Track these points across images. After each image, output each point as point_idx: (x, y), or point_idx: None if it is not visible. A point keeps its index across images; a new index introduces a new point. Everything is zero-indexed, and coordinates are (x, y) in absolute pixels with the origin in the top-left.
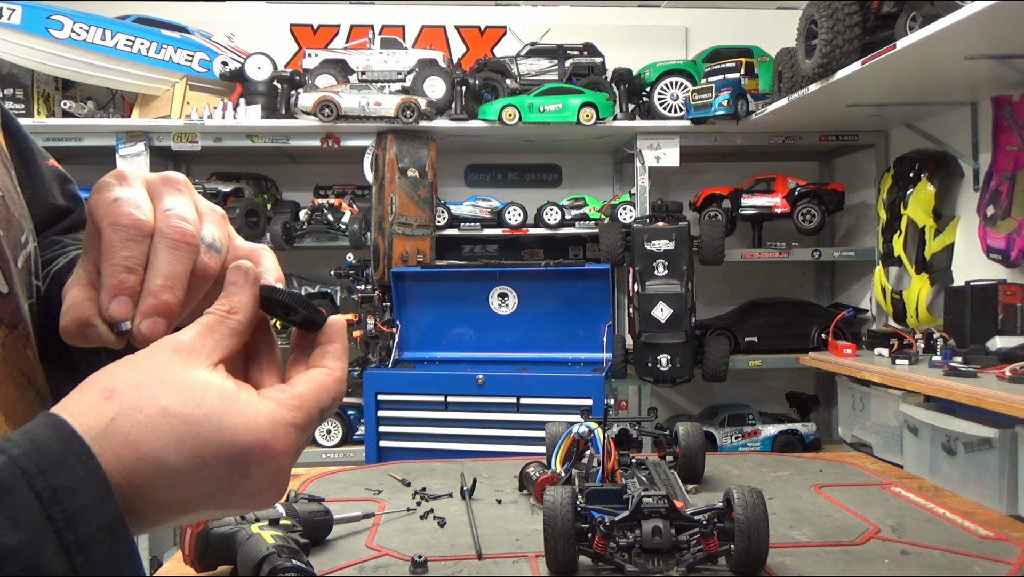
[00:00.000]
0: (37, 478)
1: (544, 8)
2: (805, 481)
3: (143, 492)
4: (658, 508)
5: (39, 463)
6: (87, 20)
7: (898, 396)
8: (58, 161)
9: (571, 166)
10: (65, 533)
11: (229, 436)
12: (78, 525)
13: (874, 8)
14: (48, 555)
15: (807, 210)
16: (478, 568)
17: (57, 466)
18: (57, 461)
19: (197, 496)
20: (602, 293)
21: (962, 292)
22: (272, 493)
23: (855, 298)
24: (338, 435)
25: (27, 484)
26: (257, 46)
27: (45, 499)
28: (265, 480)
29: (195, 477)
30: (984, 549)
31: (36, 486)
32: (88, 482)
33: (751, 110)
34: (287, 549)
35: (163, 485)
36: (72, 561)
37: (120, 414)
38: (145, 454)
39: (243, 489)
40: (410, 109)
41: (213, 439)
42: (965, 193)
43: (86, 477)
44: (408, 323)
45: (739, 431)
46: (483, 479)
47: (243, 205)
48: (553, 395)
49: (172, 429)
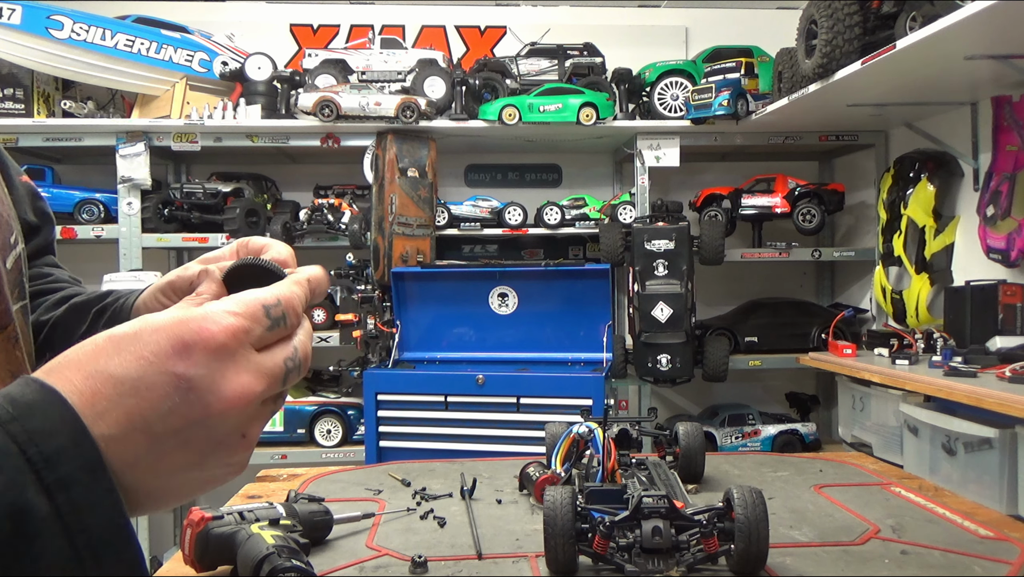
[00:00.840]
0: (12, 424)
1: (544, 8)
2: (805, 481)
3: (101, 411)
4: (658, 508)
5: (11, 411)
6: (87, 20)
7: (898, 396)
8: (57, 161)
9: (571, 166)
10: (45, 473)
11: (164, 331)
12: (57, 465)
13: (874, 8)
14: (30, 495)
15: (807, 210)
16: (478, 568)
17: (29, 412)
18: (28, 408)
19: (155, 403)
20: (602, 293)
21: (962, 292)
22: (236, 385)
23: (855, 298)
24: (338, 435)
25: (2, 429)
26: (257, 46)
27: (22, 442)
28: (218, 369)
29: (144, 380)
30: (984, 549)
31: (12, 431)
32: (63, 424)
33: (751, 110)
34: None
35: (116, 396)
36: (54, 500)
37: (71, 352)
38: (92, 371)
39: (200, 384)
40: (410, 109)
41: (151, 338)
42: (965, 193)
43: (59, 419)
44: (408, 323)
45: (739, 431)
46: (483, 479)
47: (243, 205)
48: (553, 395)
49: (114, 344)
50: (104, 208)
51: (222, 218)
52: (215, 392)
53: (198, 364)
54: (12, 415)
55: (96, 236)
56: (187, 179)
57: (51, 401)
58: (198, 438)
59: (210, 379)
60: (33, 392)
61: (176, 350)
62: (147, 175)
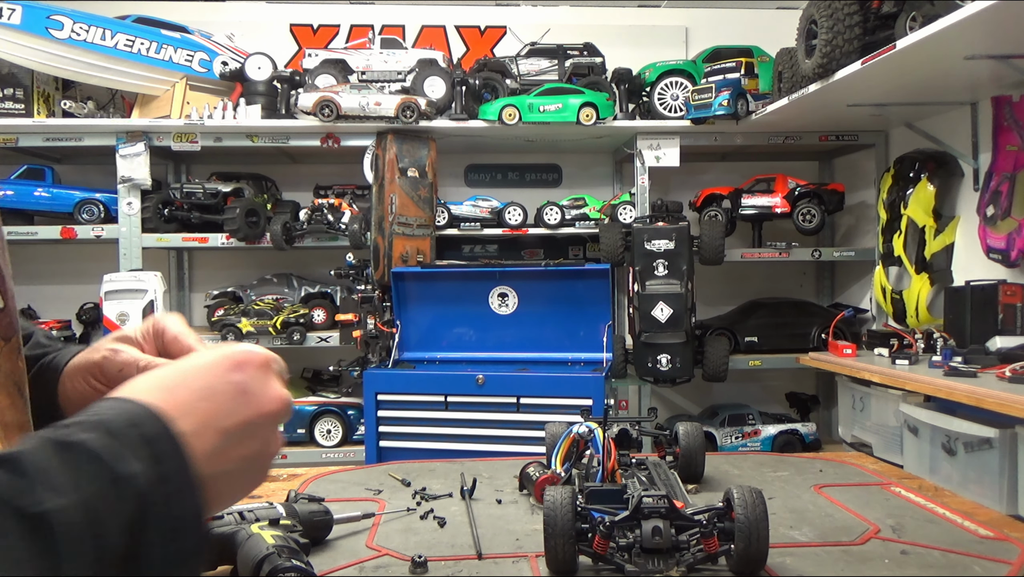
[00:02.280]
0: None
1: (544, 8)
2: (805, 481)
3: (181, 413)
4: (658, 508)
5: (114, 405)
6: (87, 20)
7: (898, 396)
8: (57, 161)
9: (571, 166)
10: (142, 449)
11: (221, 354)
12: (153, 443)
13: (874, 8)
14: (131, 463)
15: (807, 210)
16: (478, 568)
17: (127, 408)
18: (124, 406)
19: (222, 405)
20: (602, 293)
21: (962, 292)
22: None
23: (855, 298)
24: (338, 435)
25: (134, 429)
26: (257, 46)
27: (123, 424)
28: (263, 379)
29: (212, 388)
30: (984, 549)
31: (114, 420)
32: (154, 421)
33: (751, 110)
34: (287, 549)
35: (193, 401)
36: (149, 466)
37: (145, 377)
38: (171, 385)
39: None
40: (410, 109)
41: (212, 359)
42: (965, 193)
43: (150, 417)
44: (408, 323)
45: (739, 431)
46: (483, 479)
47: (243, 205)
48: (553, 395)
49: (181, 368)
50: (104, 208)
51: (222, 218)
52: (263, 395)
53: (250, 376)
54: (115, 408)
55: (96, 236)
56: (187, 179)
57: (141, 405)
58: (251, 436)
59: (259, 386)
60: (123, 402)
61: (233, 366)
62: (147, 175)
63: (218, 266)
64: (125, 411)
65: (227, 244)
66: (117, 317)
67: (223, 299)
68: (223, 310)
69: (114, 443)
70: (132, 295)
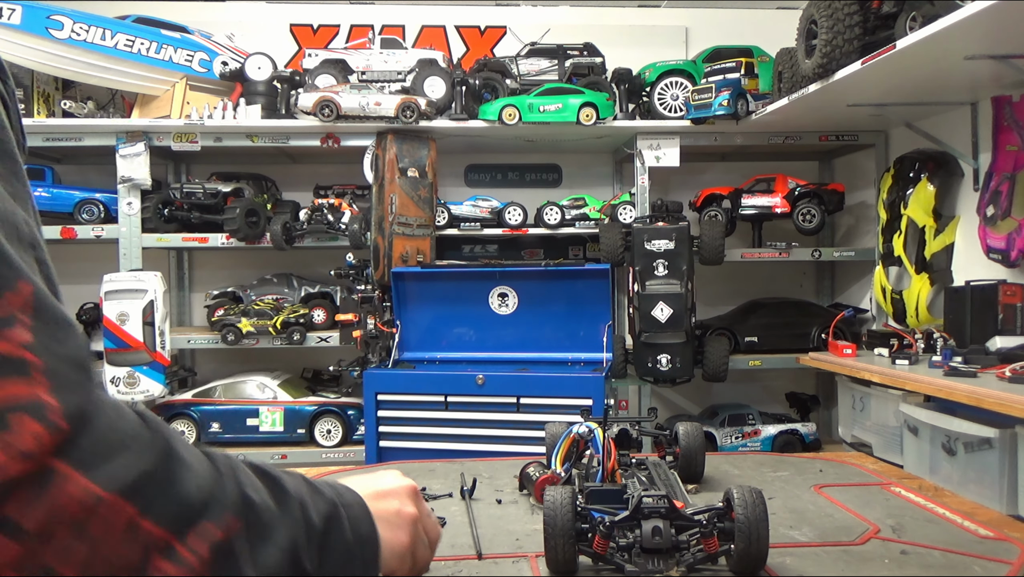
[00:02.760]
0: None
1: (544, 8)
2: (805, 481)
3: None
4: (658, 508)
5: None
6: (87, 20)
7: (898, 396)
8: (57, 161)
9: (571, 166)
10: (350, 520)
11: (401, 481)
12: (354, 517)
13: (874, 8)
14: (345, 526)
15: (807, 210)
16: (478, 568)
17: (346, 496)
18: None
19: (393, 509)
20: (602, 293)
21: (962, 292)
22: (417, 507)
23: (855, 298)
24: (338, 435)
25: (338, 499)
26: (257, 46)
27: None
28: (413, 497)
29: (386, 499)
30: (984, 549)
31: (337, 498)
32: (359, 504)
33: (751, 110)
34: None
35: (377, 502)
36: (348, 529)
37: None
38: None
39: (409, 499)
40: (410, 109)
41: (394, 483)
42: (965, 193)
43: (358, 502)
44: (408, 323)
45: (739, 431)
46: (483, 479)
47: (243, 205)
48: (553, 395)
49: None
50: (104, 208)
51: (222, 218)
52: (412, 506)
53: (412, 497)
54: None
55: (96, 236)
56: (187, 179)
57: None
58: (407, 530)
59: (411, 498)
60: (348, 490)
61: (407, 494)
62: (147, 175)
63: (218, 266)
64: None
65: (227, 244)
66: (117, 317)
67: (223, 299)
68: (223, 310)
69: (335, 492)
70: (132, 295)
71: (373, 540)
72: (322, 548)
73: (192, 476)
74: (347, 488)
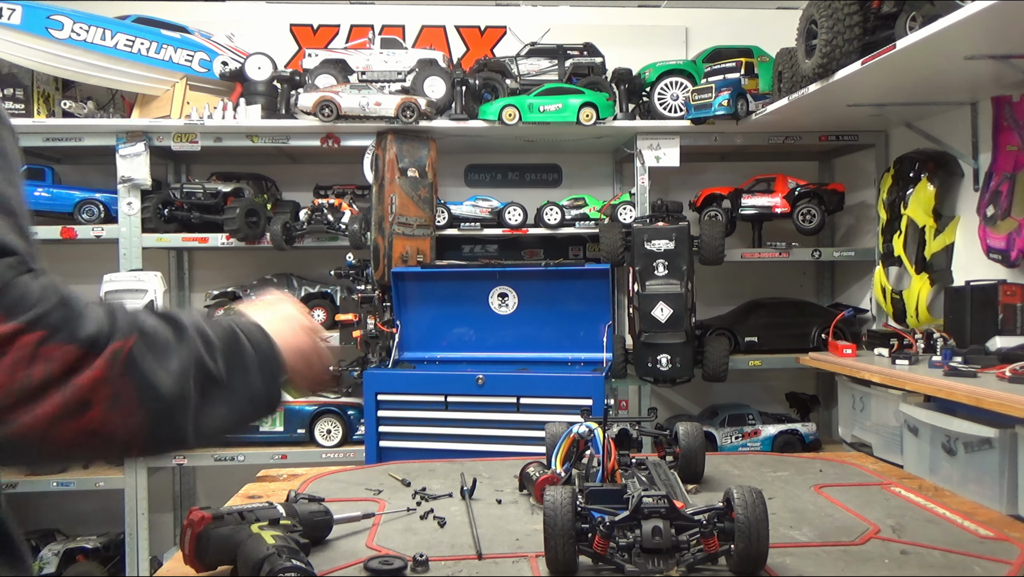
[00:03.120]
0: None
1: (544, 8)
2: (805, 481)
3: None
4: (658, 508)
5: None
6: (87, 20)
7: (898, 396)
8: (57, 161)
9: (571, 166)
10: (248, 334)
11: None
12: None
13: (874, 8)
14: (243, 339)
15: (807, 210)
16: (478, 568)
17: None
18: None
19: (287, 322)
20: (602, 293)
21: (962, 292)
22: (302, 322)
23: (855, 298)
24: (338, 435)
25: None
26: (257, 46)
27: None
28: (292, 314)
29: (281, 319)
30: (984, 549)
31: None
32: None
33: (751, 110)
34: (287, 549)
35: (269, 315)
36: (251, 338)
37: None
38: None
39: (297, 319)
40: (410, 109)
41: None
42: (965, 193)
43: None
44: (408, 323)
45: (739, 431)
46: (483, 479)
47: (243, 205)
48: (553, 395)
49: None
50: (104, 208)
51: (222, 218)
52: (305, 320)
53: (304, 314)
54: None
55: (96, 236)
56: (187, 179)
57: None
58: (302, 336)
59: (304, 315)
60: (243, 316)
61: (301, 313)
62: (147, 175)
63: (218, 266)
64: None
65: (227, 244)
66: None
67: (223, 299)
68: (223, 310)
69: (232, 320)
70: (132, 295)
71: (271, 349)
72: (226, 357)
73: (91, 313)
74: (243, 314)
